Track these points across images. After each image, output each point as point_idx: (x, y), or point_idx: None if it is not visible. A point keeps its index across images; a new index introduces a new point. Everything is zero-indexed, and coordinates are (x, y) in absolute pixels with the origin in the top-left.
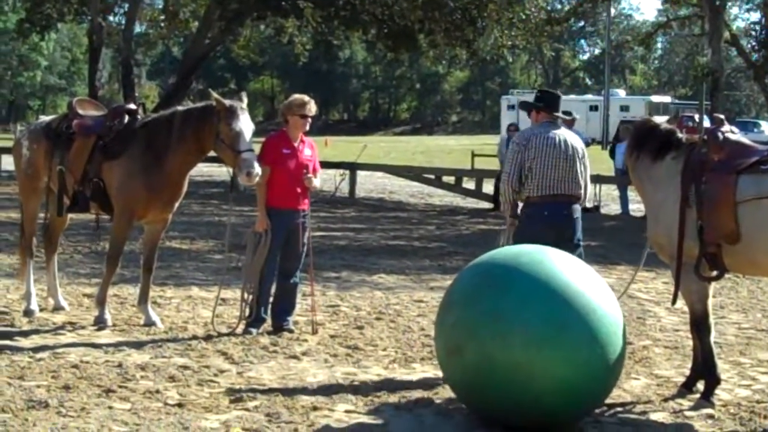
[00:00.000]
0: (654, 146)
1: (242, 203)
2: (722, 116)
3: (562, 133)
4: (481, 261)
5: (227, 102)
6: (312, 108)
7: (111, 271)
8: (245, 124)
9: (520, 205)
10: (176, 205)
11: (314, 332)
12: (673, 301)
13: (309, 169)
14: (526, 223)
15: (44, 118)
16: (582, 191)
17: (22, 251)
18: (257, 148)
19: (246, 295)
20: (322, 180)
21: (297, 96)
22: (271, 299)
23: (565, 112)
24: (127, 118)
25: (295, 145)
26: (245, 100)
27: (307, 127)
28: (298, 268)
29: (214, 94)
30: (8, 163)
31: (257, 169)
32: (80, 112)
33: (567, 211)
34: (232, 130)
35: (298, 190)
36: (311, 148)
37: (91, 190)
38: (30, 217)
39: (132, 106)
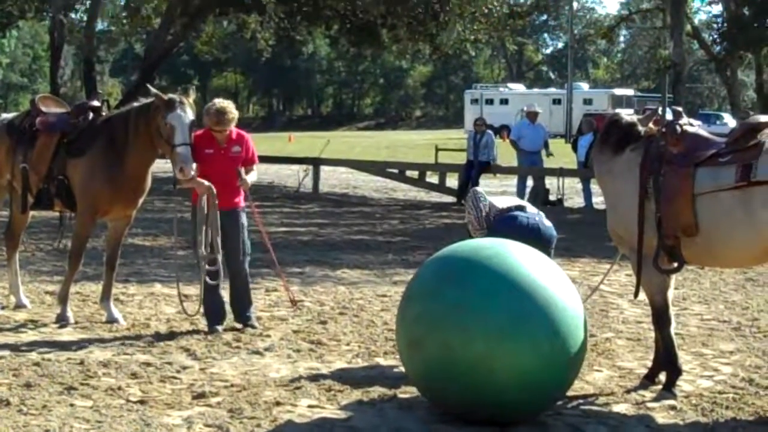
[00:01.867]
0: (615, 138)
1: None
2: (680, 108)
3: None
4: (442, 254)
5: (166, 96)
6: (228, 119)
7: (74, 268)
8: (181, 118)
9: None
10: (140, 201)
11: (293, 304)
12: (636, 294)
13: (238, 164)
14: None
15: (6, 116)
16: None
17: None
18: None
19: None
20: (285, 176)
21: (213, 106)
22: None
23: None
24: (90, 115)
25: (219, 145)
26: (192, 94)
27: (227, 133)
28: (243, 265)
29: (153, 89)
30: None
31: (191, 164)
32: (43, 109)
33: None
34: (167, 123)
35: (226, 188)
36: (241, 142)
37: (56, 187)
38: None
39: (96, 103)
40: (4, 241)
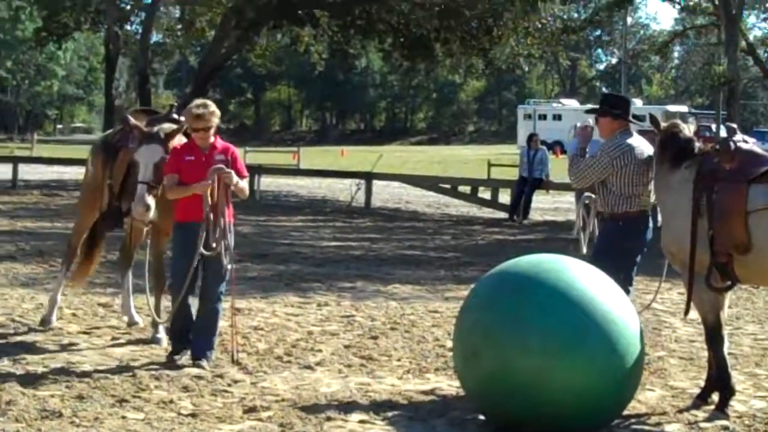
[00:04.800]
0: (672, 153)
1: None
2: (734, 125)
3: (642, 143)
4: (502, 268)
5: (145, 128)
6: (209, 119)
7: (161, 285)
8: (144, 153)
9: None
10: None
11: (234, 362)
12: (686, 312)
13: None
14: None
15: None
16: None
17: (63, 262)
18: None
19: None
20: (338, 190)
21: (193, 105)
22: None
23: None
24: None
25: (202, 152)
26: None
27: (211, 138)
28: (219, 292)
29: (130, 117)
30: (25, 172)
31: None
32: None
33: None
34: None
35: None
36: (226, 153)
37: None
38: (79, 230)
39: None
40: (119, 259)
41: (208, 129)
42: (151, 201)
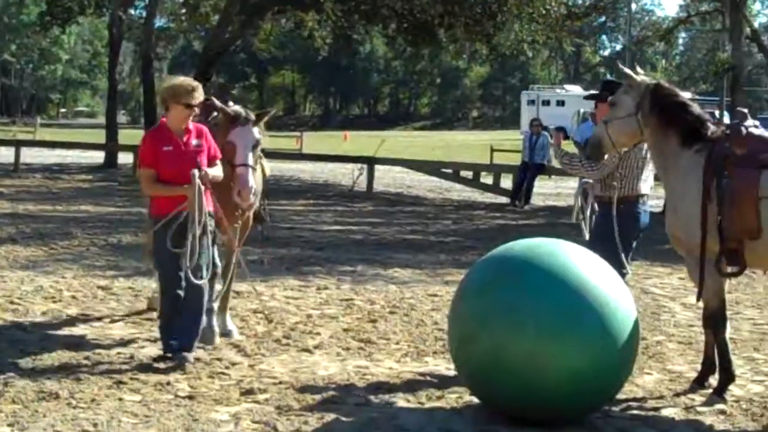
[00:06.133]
0: (683, 133)
1: None
2: (745, 110)
3: None
4: (496, 252)
5: (231, 110)
6: (199, 95)
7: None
8: (240, 135)
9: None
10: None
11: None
12: (698, 298)
13: (200, 162)
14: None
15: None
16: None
17: None
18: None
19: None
20: (340, 174)
21: (181, 79)
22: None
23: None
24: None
25: (179, 139)
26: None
27: (185, 125)
28: (205, 268)
29: (217, 103)
30: (28, 156)
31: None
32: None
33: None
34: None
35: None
36: (200, 136)
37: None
38: None
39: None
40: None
41: (193, 107)
42: (254, 184)
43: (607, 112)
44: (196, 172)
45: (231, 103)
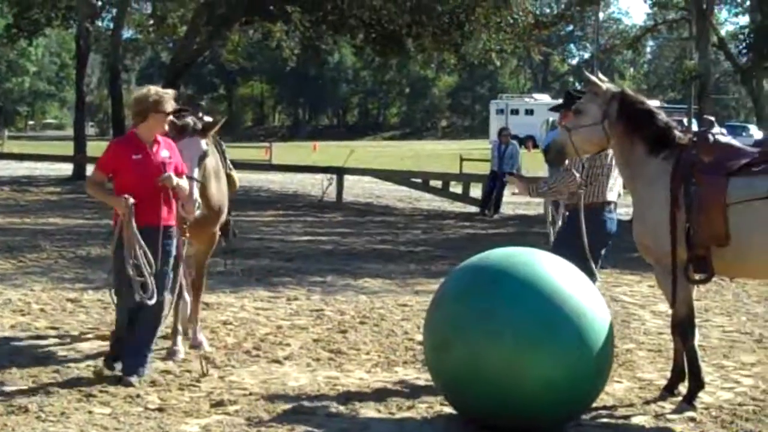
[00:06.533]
0: (650, 140)
1: None
2: (712, 118)
3: None
4: (474, 260)
5: (179, 120)
6: (173, 103)
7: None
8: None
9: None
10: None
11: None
12: (672, 304)
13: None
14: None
15: None
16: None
17: None
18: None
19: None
20: (309, 185)
21: (154, 89)
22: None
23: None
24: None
25: (148, 148)
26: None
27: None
28: (163, 287)
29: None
30: (5, 167)
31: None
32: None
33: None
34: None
35: (159, 201)
36: (169, 149)
37: None
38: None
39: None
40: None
41: (168, 115)
42: (198, 197)
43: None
44: (165, 176)
45: (201, 114)
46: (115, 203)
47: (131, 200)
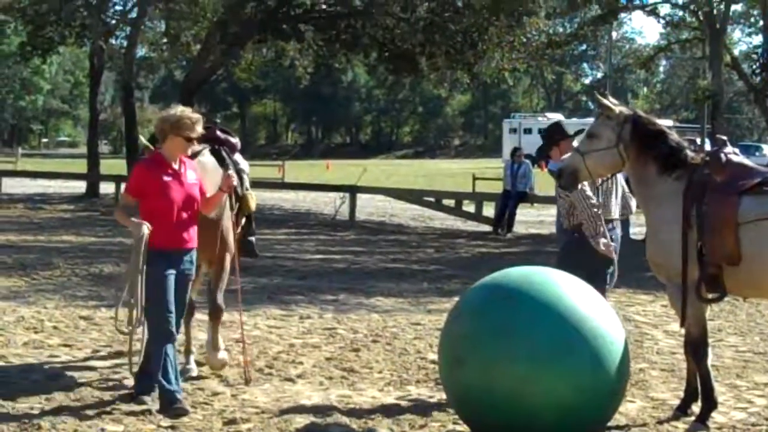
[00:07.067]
0: (662, 159)
1: None
2: (725, 138)
3: None
4: (492, 278)
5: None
6: (200, 128)
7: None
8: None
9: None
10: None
11: (247, 382)
12: (682, 324)
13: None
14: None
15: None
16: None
17: None
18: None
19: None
20: (322, 203)
21: (183, 111)
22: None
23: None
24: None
25: (177, 168)
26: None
27: (189, 151)
28: (180, 319)
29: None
30: (9, 186)
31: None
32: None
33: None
34: None
35: (188, 224)
36: (194, 170)
37: None
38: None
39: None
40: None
41: (193, 141)
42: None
43: (563, 151)
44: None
45: (218, 132)
46: (132, 227)
47: (147, 228)
